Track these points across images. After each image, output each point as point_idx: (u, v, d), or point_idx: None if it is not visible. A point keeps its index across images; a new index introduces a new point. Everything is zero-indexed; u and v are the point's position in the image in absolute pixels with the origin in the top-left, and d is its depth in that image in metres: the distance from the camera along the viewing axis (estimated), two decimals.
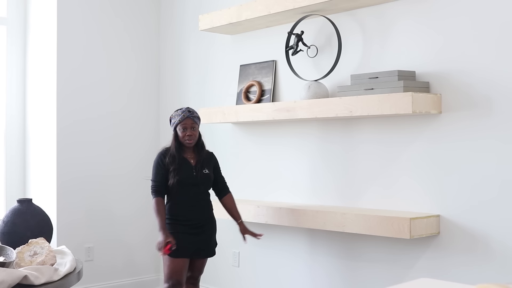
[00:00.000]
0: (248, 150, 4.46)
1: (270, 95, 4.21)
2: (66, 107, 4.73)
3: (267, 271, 4.32)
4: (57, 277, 2.66)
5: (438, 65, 3.37)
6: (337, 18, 3.84)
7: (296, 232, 4.11)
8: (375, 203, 3.66)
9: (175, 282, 3.59)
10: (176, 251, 3.58)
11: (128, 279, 5.05)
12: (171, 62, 5.15)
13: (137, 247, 5.11)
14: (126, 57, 5.09)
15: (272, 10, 3.90)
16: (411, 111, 3.16)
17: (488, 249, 3.17)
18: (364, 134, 3.73)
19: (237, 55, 4.56)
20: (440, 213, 3.36)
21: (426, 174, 3.42)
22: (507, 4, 3.11)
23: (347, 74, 3.77)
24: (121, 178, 5.02)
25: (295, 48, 3.93)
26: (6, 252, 2.79)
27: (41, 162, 4.81)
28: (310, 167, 4.03)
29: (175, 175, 3.59)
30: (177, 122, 3.64)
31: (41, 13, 4.84)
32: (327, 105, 3.57)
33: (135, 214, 5.09)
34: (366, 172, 3.71)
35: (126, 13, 5.09)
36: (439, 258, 3.36)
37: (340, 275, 3.86)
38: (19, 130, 4.94)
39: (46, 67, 4.78)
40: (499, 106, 3.13)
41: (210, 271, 4.48)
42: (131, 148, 5.09)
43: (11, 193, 4.84)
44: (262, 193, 4.34)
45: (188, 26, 4.98)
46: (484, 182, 3.19)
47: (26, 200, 3.33)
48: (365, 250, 3.72)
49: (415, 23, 3.48)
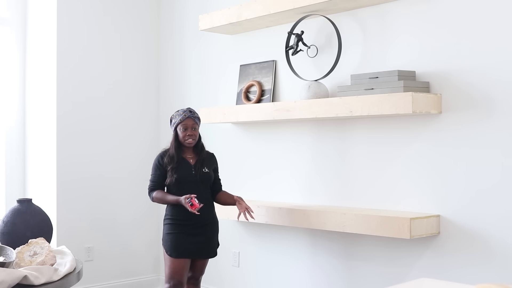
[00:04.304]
0: (248, 150, 4.46)
1: (270, 95, 4.21)
2: (65, 107, 4.73)
3: (267, 271, 4.32)
4: (57, 277, 2.66)
5: (438, 65, 3.37)
6: (337, 18, 3.84)
7: (296, 232, 4.11)
8: (375, 203, 3.66)
9: (176, 283, 3.59)
10: (177, 252, 3.58)
11: (128, 279, 5.05)
12: (171, 62, 5.15)
13: (137, 247, 5.11)
14: (126, 58, 5.09)
15: (272, 10, 3.90)
16: (411, 111, 3.16)
17: (488, 249, 3.17)
18: (364, 134, 3.73)
19: (237, 55, 4.56)
20: (440, 213, 3.36)
21: (426, 174, 3.42)
22: (507, 4, 3.11)
23: (347, 74, 3.77)
24: (121, 178, 5.02)
25: (295, 48, 3.92)
26: (6, 252, 2.79)
27: (41, 162, 4.81)
28: (310, 167, 4.03)
29: (173, 174, 3.59)
30: (177, 122, 3.64)
31: (41, 13, 4.84)
32: (327, 105, 3.57)
33: (135, 214, 5.09)
34: (366, 172, 3.71)
35: (126, 13, 5.09)
36: (439, 258, 3.36)
37: (340, 275, 3.86)
38: (19, 130, 4.93)
39: (46, 67, 4.78)
40: (499, 106, 3.13)
41: (211, 271, 4.47)
42: (131, 148, 5.09)
43: (11, 193, 4.84)
44: (262, 193, 4.34)
45: (188, 26, 4.98)
46: (484, 182, 3.19)
47: (26, 200, 3.32)
48: (365, 250, 3.72)
49: (415, 23, 3.48)
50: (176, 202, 3.55)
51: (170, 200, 3.59)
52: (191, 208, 3.45)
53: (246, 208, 3.62)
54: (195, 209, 3.46)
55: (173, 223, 3.62)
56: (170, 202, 3.61)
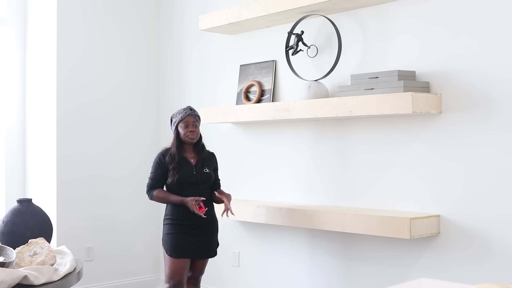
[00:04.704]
0: (248, 150, 4.46)
1: (270, 95, 4.21)
2: (65, 106, 4.73)
3: (267, 271, 4.32)
4: (57, 277, 2.66)
5: (438, 65, 3.37)
6: (337, 18, 3.84)
7: (296, 232, 4.11)
8: (375, 203, 3.66)
9: (176, 282, 3.59)
10: (177, 251, 3.58)
11: (128, 279, 5.05)
12: (171, 62, 5.15)
13: (137, 247, 5.11)
14: (126, 58, 5.09)
15: (272, 10, 3.90)
16: (411, 111, 3.16)
17: (488, 249, 3.17)
18: (364, 134, 3.73)
19: (237, 55, 4.56)
20: (440, 213, 3.36)
21: (426, 174, 3.42)
22: (507, 4, 3.11)
23: (347, 74, 3.77)
24: (121, 178, 5.02)
25: (295, 48, 3.92)
26: (6, 252, 2.79)
27: (41, 162, 4.81)
28: (310, 167, 4.03)
29: (174, 174, 3.58)
30: (179, 119, 3.64)
31: (41, 13, 4.84)
32: (327, 105, 3.57)
33: (135, 214, 5.09)
34: (366, 172, 3.71)
35: (126, 13, 5.09)
36: (439, 258, 3.36)
37: (340, 275, 3.86)
38: (19, 130, 4.93)
39: (46, 66, 4.77)
40: (500, 106, 3.13)
41: (211, 271, 4.47)
42: (131, 148, 5.09)
43: (11, 193, 4.84)
44: (262, 193, 4.33)
45: (188, 26, 4.98)
46: (485, 182, 3.18)
47: (26, 200, 3.32)
48: (365, 250, 3.72)
49: (415, 23, 3.48)
50: (181, 202, 3.55)
51: (173, 200, 3.58)
52: (199, 211, 3.46)
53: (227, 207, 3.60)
54: (202, 212, 3.46)
55: (173, 223, 3.62)
56: (173, 202, 3.60)
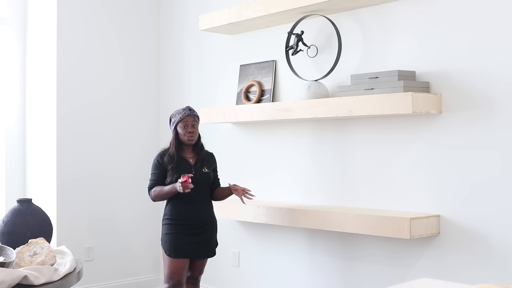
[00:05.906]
0: (248, 150, 4.46)
1: (270, 95, 4.21)
2: (66, 107, 4.73)
3: (267, 271, 4.32)
4: (57, 277, 2.66)
5: (438, 65, 3.37)
6: (337, 18, 3.84)
7: (296, 232, 4.11)
8: (375, 203, 3.66)
9: (175, 282, 3.59)
10: (176, 252, 3.58)
11: (128, 279, 5.05)
12: (171, 62, 5.15)
13: (137, 247, 5.11)
14: (126, 58, 5.09)
15: (272, 10, 3.90)
16: (411, 111, 3.16)
17: (488, 249, 3.17)
18: (364, 134, 3.73)
19: (237, 55, 4.56)
20: (440, 213, 3.36)
21: (426, 174, 3.42)
22: (507, 4, 3.11)
23: (347, 74, 3.77)
24: (121, 178, 5.02)
25: (295, 48, 3.92)
26: (6, 252, 2.79)
27: (41, 162, 4.81)
28: (309, 167, 4.03)
29: (173, 174, 3.58)
30: (178, 120, 3.64)
31: (41, 13, 4.84)
32: (327, 105, 3.57)
33: (135, 214, 5.09)
34: (366, 172, 3.71)
35: (126, 13, 5.09)
36: (439, 258, 3.36)
37: (339, 275, 3.86)
38: (19, 130, 4.93)
39: (46, 66, 4.78)
40: (500, 106, 3.13)
41: (210, 271, 4.48)
42: (131, 148, 5.09)
43: (11, 193, 4.84)
44: (262, 193, 4.33)
45: (188, 26, 4.98)
46: (485, 182, 3.19)
47: (26, 200, 3.32)
48: (365, 250, 3.72)
49: (415, 23, 3.48)
50: (174, 189, 3.51)
51: (167, 191, 3.55)
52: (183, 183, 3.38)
53: (243, 191, 3.63)
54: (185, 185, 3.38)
55: (172, 223, 3.62)
56: (168, 193, 3.56)
